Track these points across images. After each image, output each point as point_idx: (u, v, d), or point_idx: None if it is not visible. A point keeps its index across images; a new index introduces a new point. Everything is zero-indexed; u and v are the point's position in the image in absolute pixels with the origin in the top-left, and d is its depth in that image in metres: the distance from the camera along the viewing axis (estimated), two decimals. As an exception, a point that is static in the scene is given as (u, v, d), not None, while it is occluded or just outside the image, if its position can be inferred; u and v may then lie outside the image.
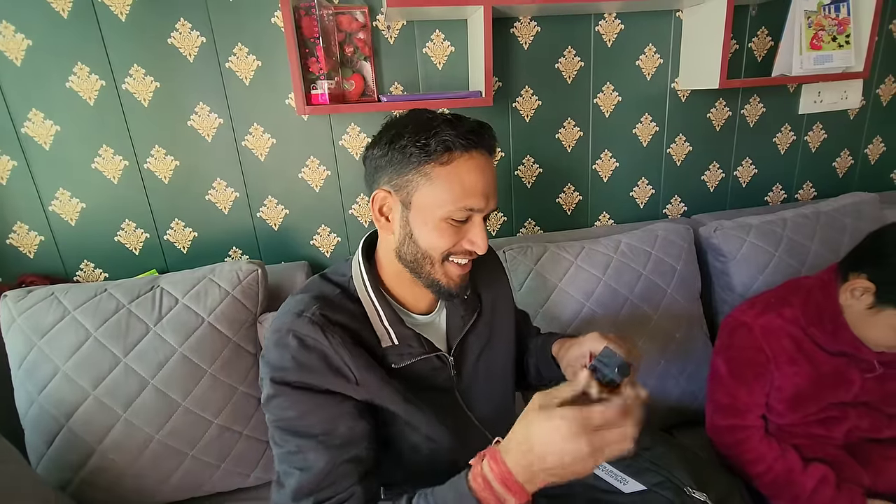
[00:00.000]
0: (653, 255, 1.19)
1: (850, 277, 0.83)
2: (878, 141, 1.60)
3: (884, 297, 0.77)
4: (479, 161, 0.65)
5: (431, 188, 0.64)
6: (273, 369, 0.64)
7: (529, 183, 1.41)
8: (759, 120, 1.50)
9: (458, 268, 0.70)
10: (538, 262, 1.17)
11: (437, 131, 0.62)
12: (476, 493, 0.52)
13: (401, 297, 0.75)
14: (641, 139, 1.44)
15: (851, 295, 0.82)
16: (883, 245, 0.80)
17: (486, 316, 0.83)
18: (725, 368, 0.95)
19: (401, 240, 0.69)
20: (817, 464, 0.87)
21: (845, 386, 0.87)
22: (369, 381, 0.66)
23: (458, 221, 0.66)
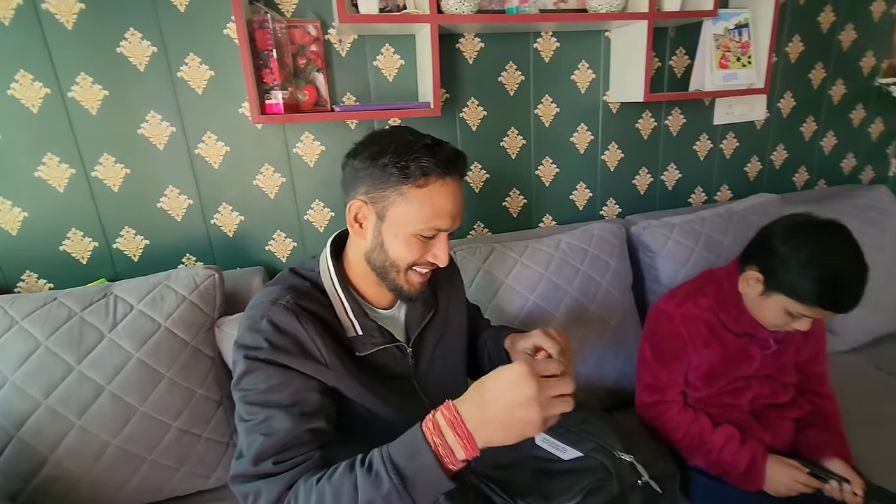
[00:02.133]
0: (589, 252, 1.31)
1: (745, 269, 0.96)
2: (781, 148, 1.82)
3: (771, 285, 0.91)
4: (451, 187, 0.72)
5: (406, 206, 0.70)
6: (247, 349, 0.69)
7: (477, 188, 1.50)
8: (681, 130, 1.66)
9: (420, 276, 0.77)
10: (486, 260, 1.25)
11: (417, 156, 0.68)
12: (427, 437, 0.57)
13: (365, 293, 0.81)
14: (578, 147, 1.57)
15: (747, 284, 0.96)
16: (768, 240, 0.93)
17: (441, 312, 0.91)
18: (650, 352, 1.07)
19: (371, 247, 0.75)
20: (725, 425, 1.00)
21: (748, 361, 1.01)
22: (337, 367, 0.71)
23: (425, 237, 0.73)
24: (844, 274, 0.85)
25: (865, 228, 1.53)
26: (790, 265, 0.87)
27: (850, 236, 0.88)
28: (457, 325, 0.93)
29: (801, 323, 0.91)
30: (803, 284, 0.86)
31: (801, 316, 0.90)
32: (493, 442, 0.58)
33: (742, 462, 0.95)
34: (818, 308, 0.86)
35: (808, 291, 0.85)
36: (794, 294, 0.87)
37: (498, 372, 0.59)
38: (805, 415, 1.04)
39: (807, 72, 1.76)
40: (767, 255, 0.92)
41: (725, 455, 0.96)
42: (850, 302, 0.86)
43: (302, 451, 0.64)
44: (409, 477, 0.56)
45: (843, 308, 0.87)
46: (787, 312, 0.91)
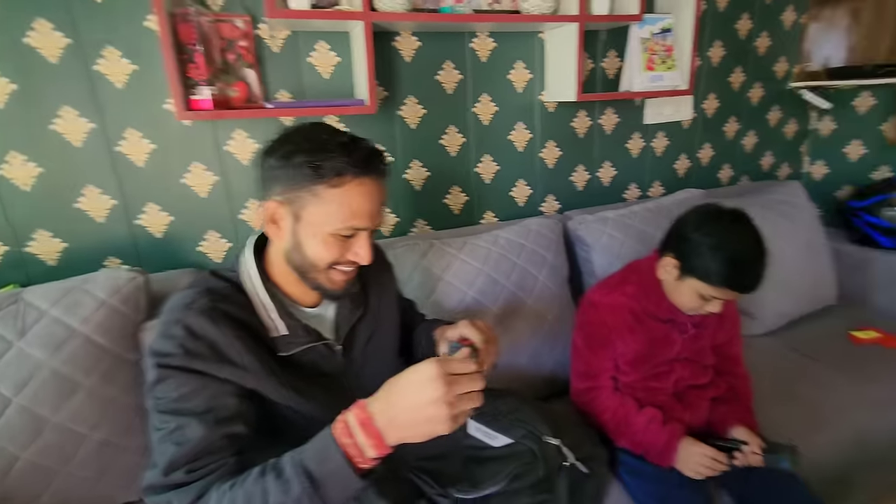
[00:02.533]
0: (527, 247, 1.34)
1: (663, 256, 1.02)
2: (707, 146, 1.93)
3: (685, 270, 0.97)
4: (368, 187, 0.71)
5: (321, 207, 0.69)
6: (159, 356, 0.66)
7: (418, 185, 1.51)
8: (615, 129, 1.74)
9: (343, 274, 0.76)
10: (424, 257, 1.26)
11: (331, 155, 0.67)
12: (337, 438, 0.57)
13: (290, 292, 0.80)
14: (517, 145, 1.60)
15: (665, 270, 1.01)
16: (681, 229, 1.00)
17: (372, 307, 0.91)
18: (581, 341, 1.11)
19: (289, 247, 0.74)
20: (649, 407, 1.06)
21: (670, 346, 1.07)
22: (257, 369, 0.70)
23: (344, 236, 0.72)
24: (746, 256, 0.93)
25: (779, 220, 1.65)
26: (700, 250, 0.94)
27: (751, 223, 0.96)
28: (388, 320, 0.93)
29: (713, 305, 0.97)
30: (712, 267, 0.92)
31: (713, 298, 0.96)
32: (404, 439, 0.59)
33: (660, 441, 1.00)
34: (726, 289, 0.93)
35: (716, 273, 0.92)
36: (705, 276, 0.94)
37: (408, 371, 0.60)
38: (721, 393, 1.11)
39: (727, 75, 1.88)
40: (681, 243, 0.98)
41: (647, 436, 1.02)
42: (753, 282, 0.93)
43: (216, 459, 0.63)
44: (320, 480, 0.56)
45: (747, 288, 0.94)
46: (700, 295, 0.97)
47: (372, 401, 0.60)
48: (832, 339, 1.56)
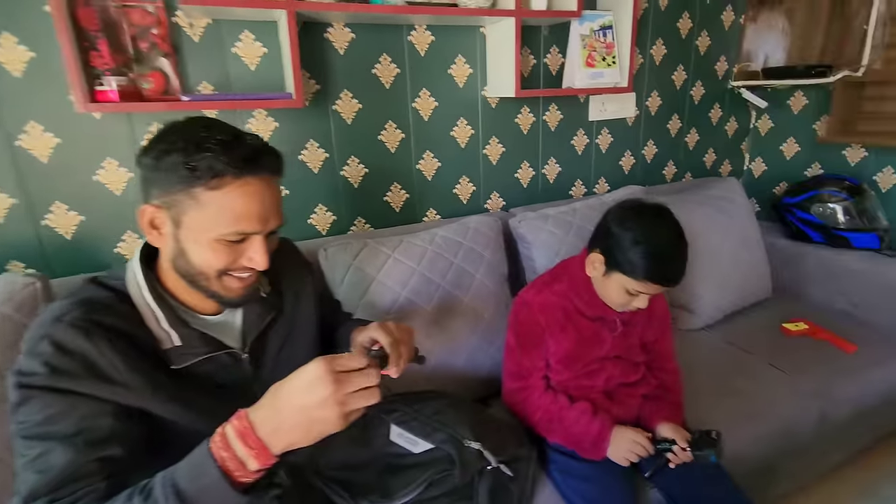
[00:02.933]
0: (464, 245, 1.32)
1: (590, 253, 1.02)
2: (651, 144, 1.96)
3: (610, 265, 0.97)
4: (254, 187, 0.65)
5: (200, 211, 0.64)
6: (21, 376, 0.60)
7: (356, 183, 1.46)
8: (559, 125, 1.73)
9: (240, 281, 0.71)
10: (357, 257, 1.22)
11: (207, 154, 0.62)
12: (214, 452, 0.53)
13: (185, 300, 0.74)
14: (459, 141, 1.58)
15: (593, 266, 1.01)
16: (606, 224, 1.00)
17: (287, 310, 0.86)
18: (513, 340, 1.10)
19: (174, 254, 0.68)
20: (581, 401, 1.06)
21: (600, 344, 1.06)
22: (140, 385, 0.64)
23: (233, 241, 0.67)
24: (667, 249, 0.94)
25: (717, 216, 1.69)
26: (623, 245, 0.94)
27: (671, 217, 0.97)
28: (305, 324, 0.89)
29: (640, 300, 0.98)
30: (634, 260, 0.93)
31: (638, 292, 0.96)
32: (293, 445, 0.55)
33: (591, 433, 1.00)
34: (649, 282, 0.94)
35: (639, 266, 0.93)
36: (629, 270, 0.94)
37: (294, 374, 0.57)
38: (652, 390, 1.12)
39: (670, 73, 1.91)
40: (606, 238, 0.99)
41: (578, 427, 1.02)
42: (675, 274, 0.95)
43: (84, 485, 0.57)
44: (193, 498, 0.52)
45: (669, 280, 0.95)
46: (626, 290, 0.97)
47: (255, 408, 0.57)
48: (766, 331, 1.61)
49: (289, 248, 0.94)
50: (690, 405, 1.20)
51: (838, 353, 1.47)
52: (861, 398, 1.39)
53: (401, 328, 0.79)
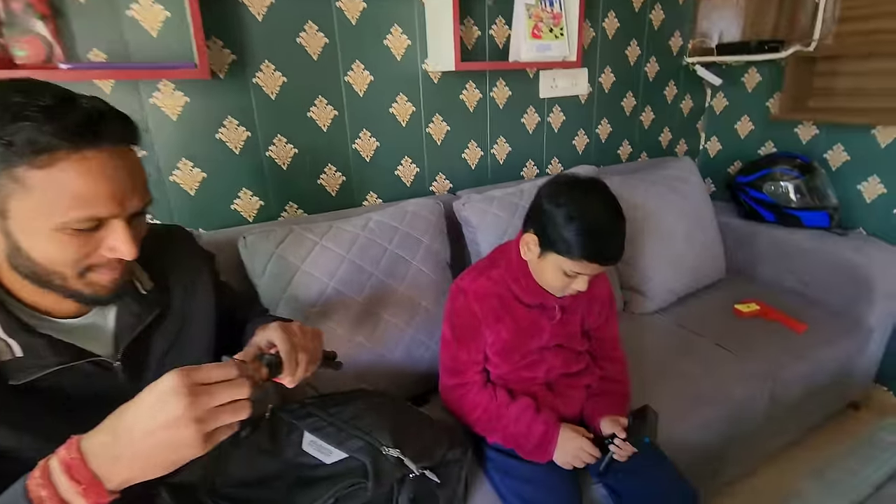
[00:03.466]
0: (400, 230, 1.22)
1: (525, 233, 0.94)
2: (605, 122, 1.89)
3: (545, 245, 0.90)
4: (97, 162, 0.53)
5: (28, 196, 0.51)
6: None
7: (285, 164, 1.34)
8: (508, 102, 1.64)
9: (107, 273, 0.60)
10: (280, 245, 1.11)
11: (25, 124, 0.49)
12: (31, 490, 0.43)
13: (34, 301, 0.62)
14: (400, 119, 1.47)
15: (527, 248, 0.93)
16: (538, 201, 0.92)
17: (175, 307, 0.75)
18: (449, 332, 1.01)
19: (8, 251, 0.55)
20: (522, 397, 0.98)
21: (539, 334, 0.99)
22: None
23: (83, 230, 0.55)
24: (602, 225, 0.87)
25: (671, 196, 1.64)
26: (556, 222, 0.87)
27: (606, 191, 0.90)
28: (200, 323, 0.77)
29: (579, 282, 0.90)
30: (568, 238, 0.85)
31: (576, 273, 0.89)
32: (136, 478, 0.46)
33: (535, 434, 0.93)
34: (585, 261, 0.86)
35: (573, 244, 0.85)
36: (564, 250, 0.87)
37: (145, 389, 0.47)
38: (596, 380, 1.06)
39: (623, 48, 1.83)
40: (539, 216, 0.91)
41: (520, 427, 0.94)
42: (612, 252, 0.88)
43: None
44: None
45: (607, 258, 0.88)
46: (563, 272, 0.90)
47: (91, 435, 0.46)
48: (718, 313, 1.58)
49: (179, 236, 0.83)
50: (637, 391, 1.15)
51: (789, 334, 1.45)
52: (811, 377, 1.37)
53: (305, 331, 0.70)
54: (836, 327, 1.48)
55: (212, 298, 0.81)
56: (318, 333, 0.73)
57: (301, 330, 0.70)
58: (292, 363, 0.65)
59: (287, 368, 0.64)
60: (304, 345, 0.68)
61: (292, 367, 0.64)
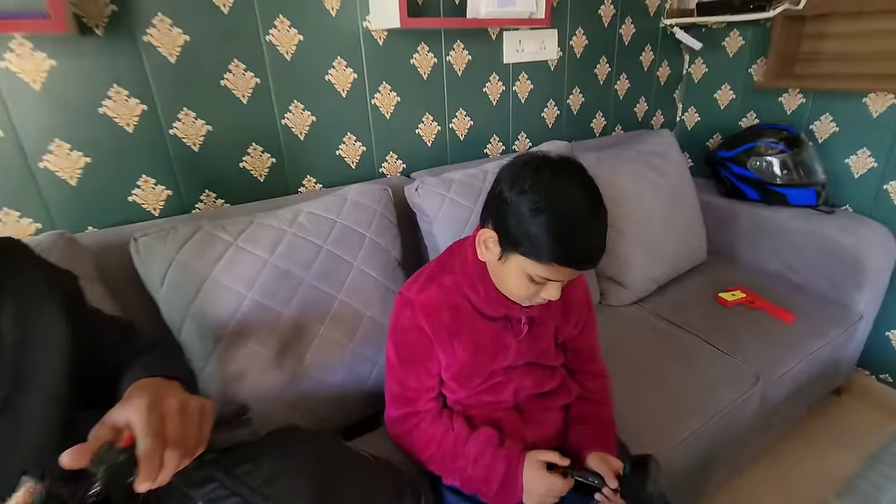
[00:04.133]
0: (338, 223, 1.01)
1: (483, 227, 0.74)
2: (577, 92, 1.70)
3: (506, 243, 0.70)
4: None
5: None
6: None
7: (195, 145, 1.10)
8: (467, 68, 1.42)
9: None
10: (182, 248, 0.89)
11: None
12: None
13: None
14: (339, 88, 1.24)
15: (485, 247, 0.74)
16: (497, 186, 0.72)
17: (6, 342, 0.53)
18: (394, 354, 0.82)
19: None
20: (484, 427, 0.81)
21: (504, 352, 0.81)
22: None
23: None
24: (577, 218, 0.66)
25: (648, 174, 1.47)
26: (519, 214, 0.66)
27: (581, 173, 0.69)
28: (46, 360, 0.56)
29: (550, 290, 0.72)
30: (534, 236, 0.65)
31: (545, 280, 0.70)
32: None
33: (496, 477, 0.76)
34: (556, 265, 0.66)
35: (541, 244, 0.65)
36: (528, 250, 0.67)
37: None
38: (575, 399, 0.89)
39: (596, 7, 1.63)
40: (498, 207, 0.70)
41: (479, 469, 0.77)
42: (590, 253, 0.68)
43: None
44: None
45: (583, 261, 0.68)
46: (528, 278, 0.70)
47: None
48: (701, 303, 1.44)
49: (8, 247, 0.60)
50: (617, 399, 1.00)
51: (777, 325, 1.33)
52: (802, 372, 1.25)
53: (187, 411, 0.51)
54: (825, 316, 1.37)
55: (63, 329, 0.59)
56: (206, 410, 0.53)
57: (180, 411, 0.50)
58: (152, 464, 0.45)
59: (143, 471, 0.44)
60: (176, 437, 0.48)
61: (151, 469, 0.45)
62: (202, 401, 0.54)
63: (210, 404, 0.55)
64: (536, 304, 0.76)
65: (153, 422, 0.47)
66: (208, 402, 0.55)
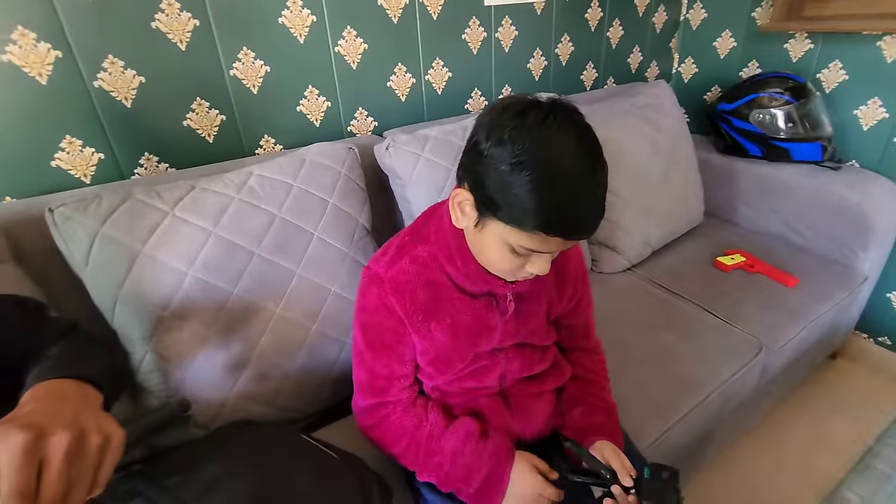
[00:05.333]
0: (295, 188, 0.88)
1: (457, 188, 0.62)
2: (566, 40, 1.54)
3: (483, 206, 0.58)
4: None
5: None
6: None
7: (128, 100, 0.95)
8: (444, 11, 1.26)
9: None
10: (108, 219, 0.75)
11: None
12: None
13: None
14: (296, 33, 1.08)
15: (461, 212, 0.62)
16: (473, 136, 0.59)
17: None
18: (361, 338, 0.71)
19: None
20: (462, 419, 0.72)
21: (488, 334, 0.71)
22: None
23: None
24: (570, 176, 0.53)
25: (644, 128, 1.35)
26: (496, 169, 0.54)
27: (575, 119, 0.56)
28: None
29: (534, 263, 0.60)
30: (515, 198, 0.53)
31: (528, 252, 0.59)
32: None
33: (477, 475, 0.67)
34: (542, 234, 0.54)
35: (523, 208, 0.53)
36: (508, 216, 0.55)
37: None
38: (569, 381, 0.80)
39: (588, -60, 1.46)
40: (473, 163, 0.58)
41: (457, 468, 0.68)
42: (585, 220, 0.55)
43: None
44: None
45: (577, 231, 0.56)
46: (509, 248, 0.59)
47: None
48: (699, 268, 1.35)
49: None
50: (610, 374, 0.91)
51: (779, 289, 1.24)
52: (804, 339, 1.18)
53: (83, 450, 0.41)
54: (828, 278, 1.29)
55: None
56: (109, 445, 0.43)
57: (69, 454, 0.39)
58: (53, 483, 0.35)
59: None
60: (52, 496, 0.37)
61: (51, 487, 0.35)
62: (106, 431, 0.43)
63: (117, 436, 0.43)
64: (522, 279, 0.65)
65: (22, 475, 0.36)
66: (115, 433, 0.43)
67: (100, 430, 0.43)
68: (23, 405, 0.44)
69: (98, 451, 0.41)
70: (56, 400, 0.45)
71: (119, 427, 0.45)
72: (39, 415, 0.41)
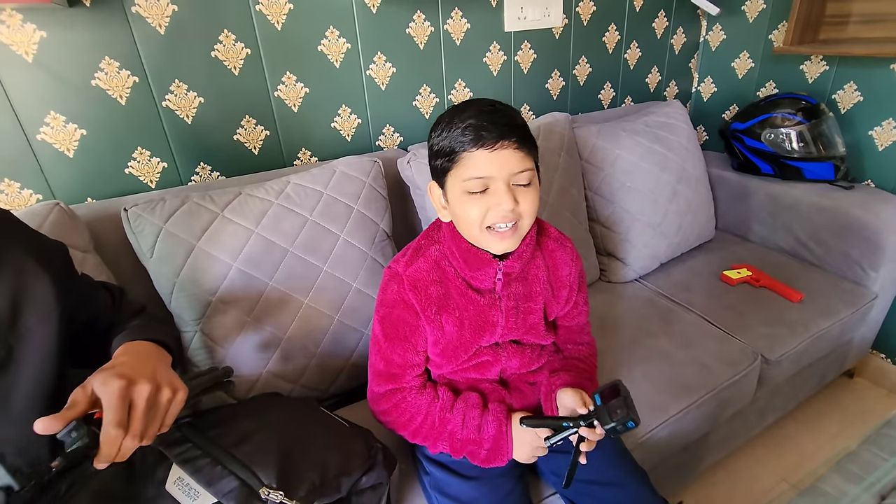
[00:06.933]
0: (325, 195, 1.01)
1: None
2: (583, 61, 1.64)
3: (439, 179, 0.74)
4: None
5: None
6: None
7: (189, 117, 1.11)
8: (466, 38, 1.38)
9: None
10: (170, 218, 0.90)
11: None
12: None
13: None
14: (332, 59, 1.22)
15: (440, 204, 0.76)
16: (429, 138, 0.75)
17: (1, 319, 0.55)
18: (379, 330, 0.82)
19: None
20: (467, 392, 0.83)
21: (490, 329, 0.80)
22: None
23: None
24: (476, 110, 0.69)
25: (654, 147, 1.42)
26: (434, 144, 0.73)
27: (493, 100, 0.72)
28: (38, 328, 0.58)
29: (493, 197, 0.68)
30: (446, 144, 0.70)
31: (480, 184, 0.68)
32: None
33: (487, 438, 0.78)
34: (472, 151, 0.67)
35: (452, 142, 0.69)
36: (448, 159, 0.70)
37: None
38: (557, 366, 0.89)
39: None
40: (430, 159, 0.76)
41: (468, 431, 0.78)
42: (501, 125, 0.67)
43: None
44: None
45: (498, 136, 0.66)
46: (467, 193, 0.69)
47: None
48: (705, 281, 1.40)
49: None
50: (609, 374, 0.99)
51: (782, 304, 1.28)
52: (805, 353, 1.21)
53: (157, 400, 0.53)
54: (835, 295, 1.32)
55: (52, 298, 0.61)
56: (176, 399, 0.56)
57: (149, 400, 0.52)
58: (110, 450, 0.48)
59: (102, 453, 0.48)
60: (137, 429, 0.50)
61: (109, 453, 0.48)
62: (175, 387, 0.56)
63: (182, 391, 0.56)
64: (500, 231, 0.70)
65: (119, 411, 0.49)
66: (181, 390, 0.56)
67: (170, 384, 0.55)
68: (117, 356, 0.58)
69: (168, 402, 0.54)
70: (141, 356, 0.58)
71: (184, 384, 0.58)
72: (129, 367, 0.54)
